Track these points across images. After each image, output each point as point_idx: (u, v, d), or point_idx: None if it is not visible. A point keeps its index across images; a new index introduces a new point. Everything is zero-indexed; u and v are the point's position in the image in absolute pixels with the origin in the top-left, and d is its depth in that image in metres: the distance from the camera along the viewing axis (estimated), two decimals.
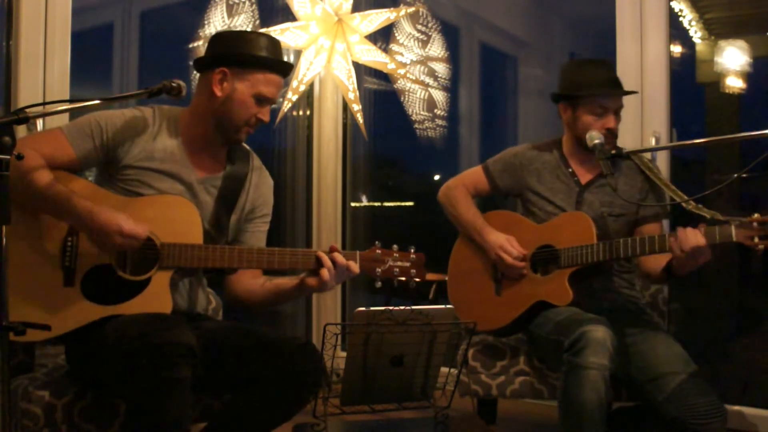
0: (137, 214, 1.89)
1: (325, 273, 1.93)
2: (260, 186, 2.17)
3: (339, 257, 1.95)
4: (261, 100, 1.99)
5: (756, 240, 1.96)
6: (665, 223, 2.53)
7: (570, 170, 2.45)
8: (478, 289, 2.48)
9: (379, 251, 2.02)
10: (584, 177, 2.44)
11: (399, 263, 2.03)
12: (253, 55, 1.97)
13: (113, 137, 1.95)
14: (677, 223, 2.16)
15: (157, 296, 1.89)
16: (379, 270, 2.01)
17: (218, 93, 1.98)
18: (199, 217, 1.96)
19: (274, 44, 2.02)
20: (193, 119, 2.04)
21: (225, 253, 1.95)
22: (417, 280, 2.05)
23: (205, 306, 2.18)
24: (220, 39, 2.05)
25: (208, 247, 1.94)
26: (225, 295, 2.17)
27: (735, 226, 1.99)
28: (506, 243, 2.37)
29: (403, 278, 2.04)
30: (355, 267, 1.98)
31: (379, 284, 2.04)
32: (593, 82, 2.34)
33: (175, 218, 1.94)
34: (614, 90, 2.35)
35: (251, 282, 2.11)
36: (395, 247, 2.04)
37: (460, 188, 2.56)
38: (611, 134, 2.35)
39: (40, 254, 1.87)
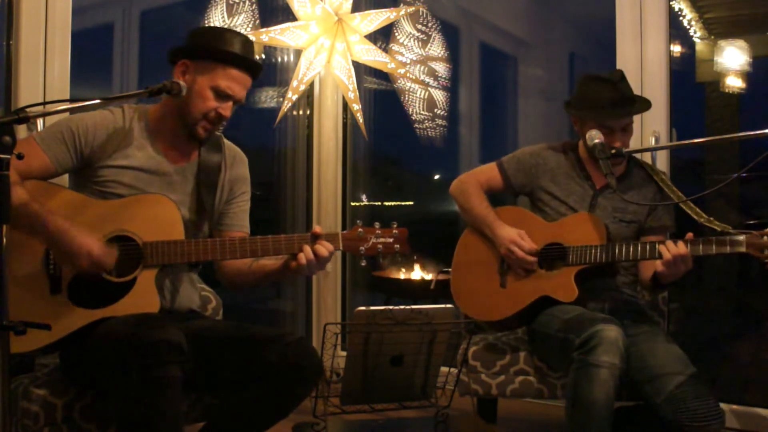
0: (117, 215, 1.90)
1: (301, 258, 1.94)
2: (235, 165, 2.18)
3: (321, 250, 1.95)
4: (220, 94, 1.98)
5: (766, 252, 2.00)
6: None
7: (585, 173, 2.47)
8: (483, 280, 2.47)
9: (361, 230, 2.02)
10: (599, 182, 2.45)
11: (382, 240, 2.03)
12: (215, 48, 1.96)
13: (86, 140, 1.96)
14: (685, 234, 2.15)
15: (144, 295, 1.89)
16: (363, 248, 2.02)
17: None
18: (178, 213, 1.96)
19: (246, 43, 2.02)
20: (162, 114, 2.05)
21: (208, 246, 1.95)
22: (402, 254, 2.04)
23: (198, 302, 2.18)
24: (192, 34, 2.04)
25: (190, 242, 1.94)
26: (218, 277, 2.17)
27: (746, 238, 2.01)
28: (518, 237, 2.37)
29: (388, 254, 2.03)
30: (332, 248, 1.98)
31: (363, 263, 2.05)
32: (597, 101, 2.34)
33: (155, 216, 1.94)
34: (615, 111, 2.33)
35: (240, 262, 2.11)
36: (377, 224, 2.04)
37: (473, 182, 2.56)
38: (617, 151, 2.34)
39: (24, 264, 1.86)
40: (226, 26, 3.47)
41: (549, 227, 2.41)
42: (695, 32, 3.50)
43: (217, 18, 3.48)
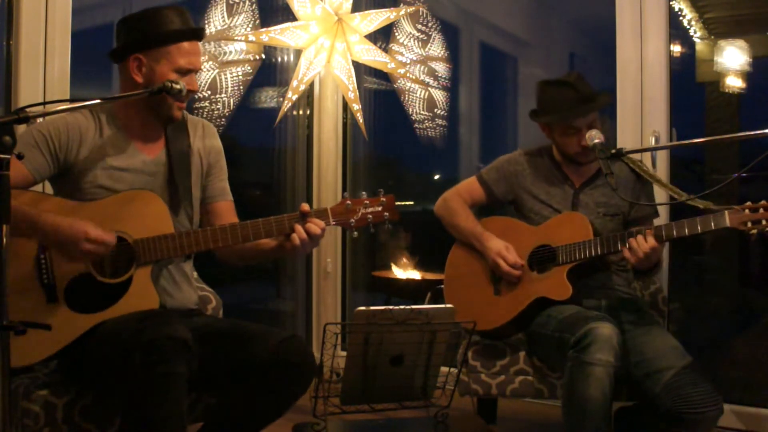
0: (105, 217, 1.89)
1: (295, 238, 1.95)
2: (206, 138, 2.18)
3: (313, 228, 1.95)
4: (183, 72, 1.98)
5: (749, 225, 2.01)
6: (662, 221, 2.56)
7: (563, 175, 2.50)
8: (477, 290, 2.49)
9: (349, 202, 2.01)
10: (577, 180, 2.49)
11: (371, 209, 2.02)
12: (159, 33, 1.95)
13: (60, 142, 1.95)
14: (675, 216, 2.19)
15: (142, 293, 1.89)
16: (353, 220, 2.01)
17: (139, 80, 1.97)
18: (165, 206, 1.96)
19: (180, 13, 2.00)
20: (127, 109, 2.04)
21: (199, 236, 1.95)
22: (392, 221, 2.04)
23: (195, 299, 2.18)
24: (127, 25, 2.01)
25: (181, 235, 1.94)
26: (216, 256, 2.17)
27: (728, 213, 2.03)
28: (504, 249, 2.40)
29: (378, 222, 2.03)
30: (323, 224, 1.99)
31: (355, 234, 2.06)
32: (556, 105, 2.37)
33: (143, 212, 1.93)
34: (573, 111, 2.34)
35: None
36: (364, 194, 2.04)
37: (457, 198, 2.59)
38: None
39: (16, 278, 1.82)
40: (226, 26, 3.47)
41: (536, 231, 2.43)
42: (695, 32, 3.50)
43: (217, 18, 3.48)
